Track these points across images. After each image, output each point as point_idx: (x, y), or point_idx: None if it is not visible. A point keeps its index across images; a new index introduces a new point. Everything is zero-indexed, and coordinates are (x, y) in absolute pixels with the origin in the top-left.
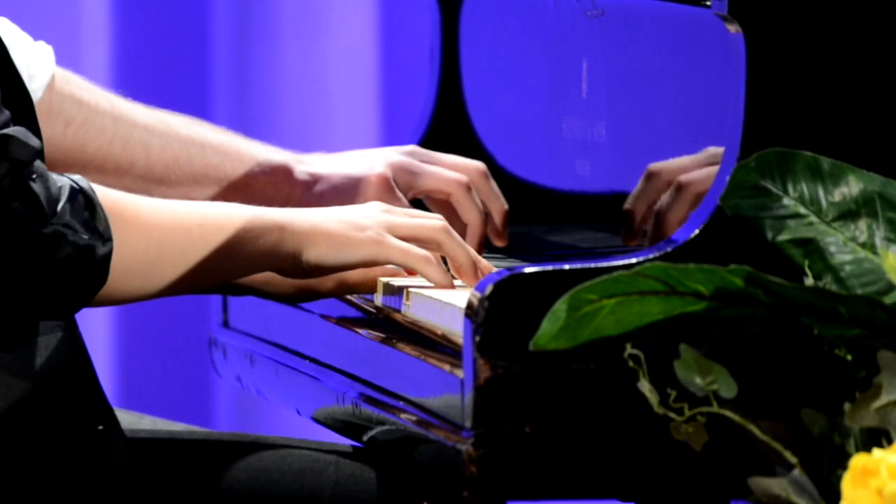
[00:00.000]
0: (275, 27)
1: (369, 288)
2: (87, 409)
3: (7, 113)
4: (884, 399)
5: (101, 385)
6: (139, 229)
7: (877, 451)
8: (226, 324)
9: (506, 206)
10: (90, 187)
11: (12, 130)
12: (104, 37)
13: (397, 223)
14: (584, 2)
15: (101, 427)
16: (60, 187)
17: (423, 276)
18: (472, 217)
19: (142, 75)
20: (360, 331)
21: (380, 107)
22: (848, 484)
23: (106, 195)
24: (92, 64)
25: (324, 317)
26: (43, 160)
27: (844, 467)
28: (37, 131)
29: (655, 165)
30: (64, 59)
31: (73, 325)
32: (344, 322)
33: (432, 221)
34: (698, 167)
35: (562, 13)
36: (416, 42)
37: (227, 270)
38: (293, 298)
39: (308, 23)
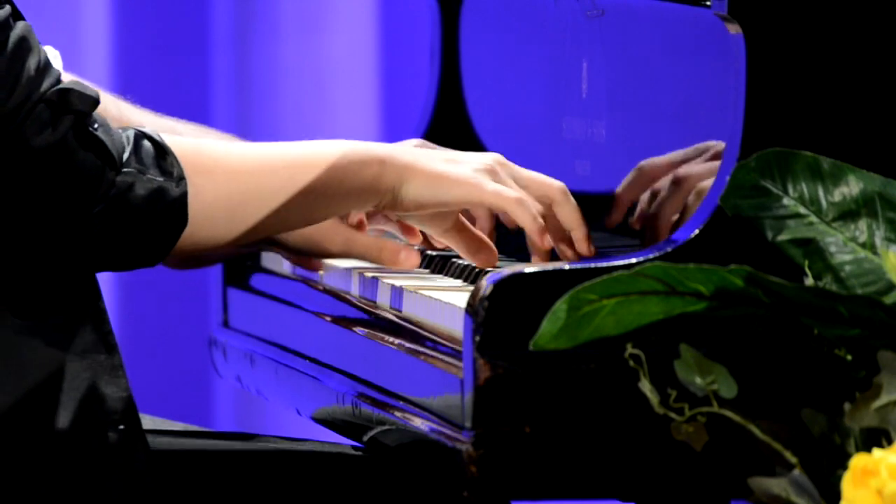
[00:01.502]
0: (275, 27)
1: (376, 256)
2: (110, 407)
3: (57, 71)
4: (884, 399)
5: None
6: (219, 174)
7: (877, 451)
8: (226, 324)
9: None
10: (157, 134)
11: (69, 83)
12: (104, 37)
13: (516, 170)
14: (584, 2)
15: (122, 427)
16: (125, 135)
17: (514, 216)
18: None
19: (142, 75)
20: (361, 331)
21: (380, 107)
22: (848, 484)
23: (181, 143)
24: (92, 64)
25: (324, 316)
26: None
27: (844, 467)
28: None
29: (646, 162)
30: (64, 60)
31: (103, 318)
32: (344, 322)
33: (552, 179)
34: (690, 161)
35: (562, 13)
36: (416, 42)
37: (323, 208)
38: (300, 251)
39: (308, 22)
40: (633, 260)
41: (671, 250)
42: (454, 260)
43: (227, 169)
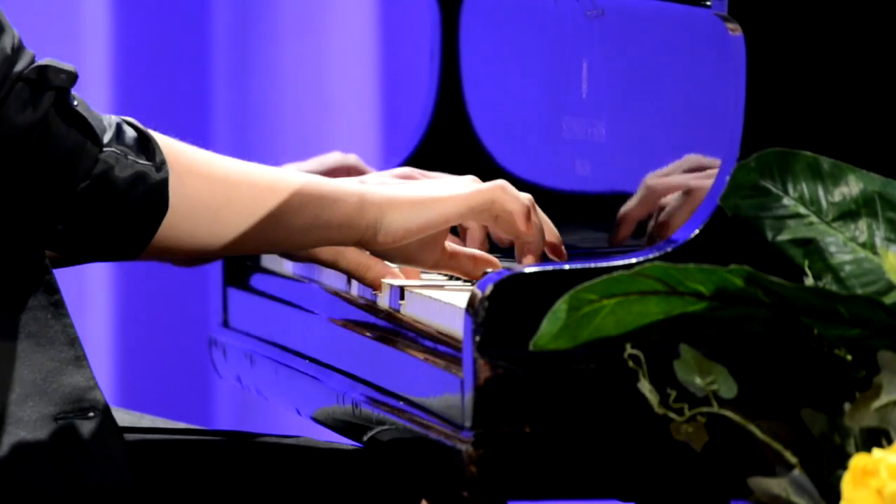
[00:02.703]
0: (275, 27)
1: (363, 274)
2: (78, 397)
3: (31, 52)
4: (884, 399)
5: (96, 377)
6: (199, 173)
7: (877, 451)
8: (226, 324)
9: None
10: (138, 123)
11: (45, 61)
12: (104, 37)
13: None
14: (584, 2)
15: (91, 414)
16: (107, 118)
17: (501, 204)
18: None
19: (142, 76)
20: (360, 331)
21: (380, 107)
22: (848, 484)
23: (164, 138)
24: (92, 64)
25: (323, 316)
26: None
27: (844, 467)
28: None
29: (652, 180)
30: (64, 61)
31: (62, 310)
32: (344, 322)
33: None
34: (694, 175)
35: (562, 13)
36: (416, 42)
37: (301, 232)
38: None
39: (308, 23)
40: (633, 260)
41: (671, 250)
42: None
43: (209, 171)
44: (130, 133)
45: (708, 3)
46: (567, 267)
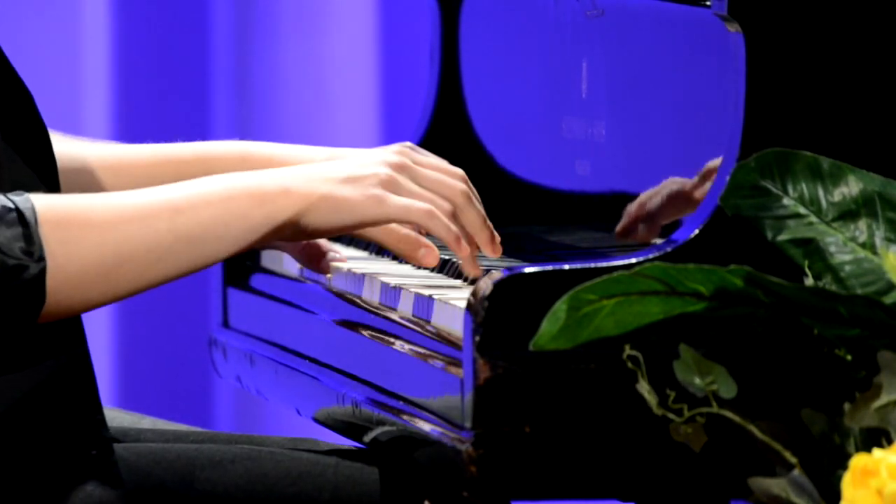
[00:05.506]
0: (275, 27)
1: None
2: (82, 431)
3: None
4: (884, 399)
5: (96, 377)
6: (92, 236)
7: (877, 451)
8: (226, 324)
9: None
10: (30, 206)
11: None
12: (104, 37)
13: (417, 172)
14: (584, 2)
15: (94, 452)
16: None
17: (426, 229)
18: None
19: (142, 75)
20: (360, 331)
21: (380, 107)
22: (848, 484)
23: (53, 207)
24: (92, 64)
25: (322, 316)
26: None
27: (844, 467)
28: (40, 127)
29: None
30: (64, 60)
31: (81, 343)
32: (344, 322)
33: (453, 181)
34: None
35: (562, 13)
36: (416, 42)
37: (213, 252)
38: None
39: (308, 23)
40: (633, 260)
41: (671, 250)
42: (454, 259)
43: (100, 226)
44: (12, 222)
45: (708, 3)
46: (567, 267)
